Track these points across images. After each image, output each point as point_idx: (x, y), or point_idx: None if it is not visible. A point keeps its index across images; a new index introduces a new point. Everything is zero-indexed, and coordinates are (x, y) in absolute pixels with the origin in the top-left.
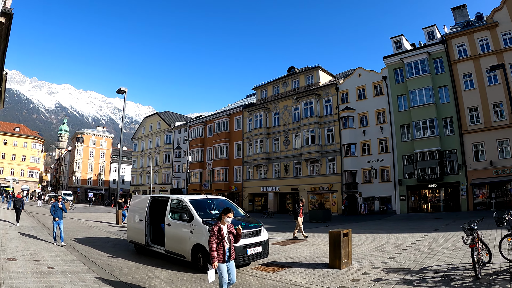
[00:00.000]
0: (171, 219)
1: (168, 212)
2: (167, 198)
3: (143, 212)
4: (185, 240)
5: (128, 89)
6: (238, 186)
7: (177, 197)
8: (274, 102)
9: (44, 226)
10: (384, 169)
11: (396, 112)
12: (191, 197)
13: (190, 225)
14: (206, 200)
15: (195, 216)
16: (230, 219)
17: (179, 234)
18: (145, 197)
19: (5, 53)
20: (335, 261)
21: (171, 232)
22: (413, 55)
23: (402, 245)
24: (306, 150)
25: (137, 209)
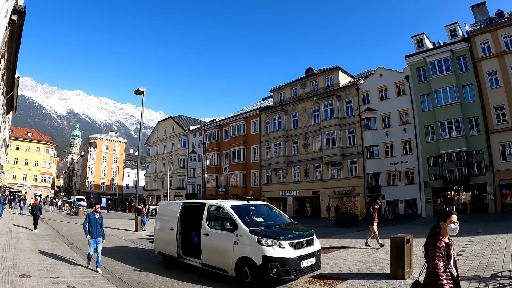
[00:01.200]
0: (209, 229)
1: (205, 220)
2: (203, 205)
3: (173, 220)
4: (227, 252)
5: (138, 95)
6: (256, 190)
7: (216, 203)
8: (292, 104)
9: (59, 234)
10: (409, 171)
11: (419, 112)
12: (232, 203)
13: (233, 235)
14: (248, 206)
15: (240, 224)
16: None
17: (220, 245)
18: (175, 203)
19: (17, 55)
20: (397, 271)
21: (209, 243)
22: (436, 54)
23: None
24: (327, 152)
25: (166, 217)
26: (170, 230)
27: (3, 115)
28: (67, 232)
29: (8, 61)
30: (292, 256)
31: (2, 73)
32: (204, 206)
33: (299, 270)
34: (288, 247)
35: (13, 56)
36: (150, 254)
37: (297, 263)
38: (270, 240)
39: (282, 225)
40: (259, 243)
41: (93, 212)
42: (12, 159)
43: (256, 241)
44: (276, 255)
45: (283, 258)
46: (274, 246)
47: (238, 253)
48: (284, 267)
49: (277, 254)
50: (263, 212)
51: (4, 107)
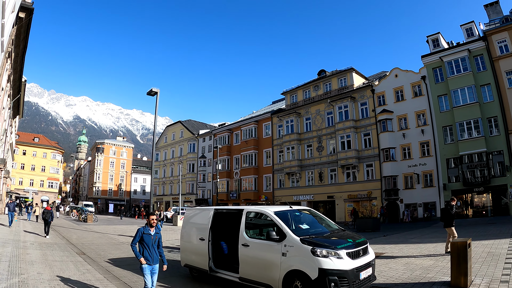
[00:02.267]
0: (248, 238)
1: (243, 229)
2: (239, 211)
3: (203, 229)
4: (273, 265)
5: (145, 100)
6: (268, 195)
7: (256, 210)
8: (305, 107)
9: (69, 242)
10: (427, 174)
11: (437, 113)
12: (275, 209)
13: (281, 246)
14: (293, 212)
15: (289, 233)
16: None
17: (263, 257)
18: (205, 210)
19: (24, 56)
20: (459, 278)
21: (249, 255)
22: (453, 53)
23: (498, 253)
24: (342, 155)
25: (195, 225)
26: (199, 240)
27: (10, 118)
28: (77, 240)
29: (15, 62)
30: (351, 267)
31: (8, 74)
32: (241, 213)
33: (357, 283)
34: (346, 257)
35: (20, 57)
36: (173, 266)
37: (356, 275)
38: (326, 250)
39: (332, 232)
40: (314, 254)
41: (146, 226)
42: (19, 164)
43: (309, 251)
44: (334, 267)
45: (342, 270)
46: (331, 256)
47: (286, 266)
48: (343, 281)
49: (335, 265)
50: (307, 218)
51: (11, 111)
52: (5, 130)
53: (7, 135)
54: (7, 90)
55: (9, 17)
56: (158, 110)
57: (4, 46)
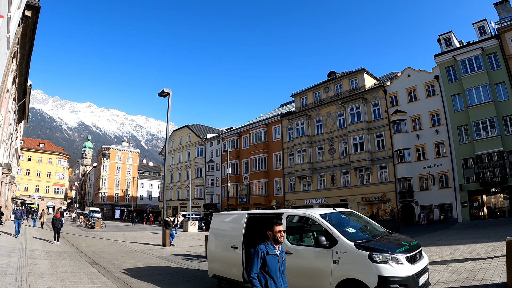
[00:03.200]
0: (291, 245)
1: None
2: (278, 215)
3: (236, 236)
4: (322, 274)
5: (148, 106)
6: (279, 199)
7: (298, 213)
8: (316, 109)
9: (79, 250)
10: (442, 175)
11: (451, 113)
12: (320, 211)
13: (331, 253)
14: (339, 214)
15: (340, 238)
16: None
17: (311, 266)
18: (237, 215)
19: (30, 57)
20: None
21: (292, 263)
22: (466, 52)
23: None
24: (355, 158)
25: (225, 232)
26: (232, 249)
27: (15, 123)
28: (87, 248)
29: (20, 64)
30: (411, 273)
31: (14, 75)
32: (280, 217)
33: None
34: (406, 263)
35: (25, 59)
36: (197, 276)
37: (415, 282)
38: (385, 255)
39: (381, 235)
40: (372, 260)
41: (269, 243)
42: (24, 170)
43: (367, 258)
44: (395, 273)
45: (403, 277)
46: (390, 262)
47: (339, 274)
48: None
49: (396, 272)
50: (353, 220)
51: (16, 115)
52: (10, 134)
53: (12, 140)
54: (12, 93)
55: (15, 13)
56: (162, 115)
57: (10, 43)
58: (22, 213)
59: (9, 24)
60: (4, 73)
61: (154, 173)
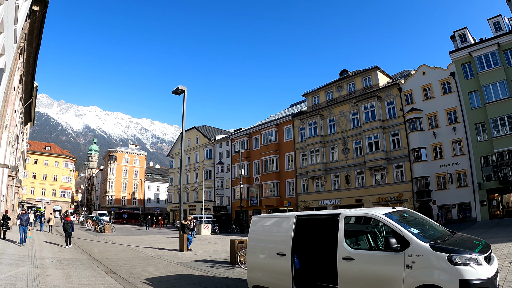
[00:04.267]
0: (352, 250)
1: (343, 238)
2: (334, 217)
3: (283, 241)
4: (392, 282)
5: (153, 109)
6: (291, 201)
7: (358, 213)
8: (328, 108)
9: (92, 257)
10: (460, 173)
11: (468, 110)
12: (384, 210)
13: (403, 256)
14: (401, 213)
15: (413, 240)
16: None
17: (377, 272)
18: (283, 217)
19: (37, 56)
20: None
21: (355, 270)
22: (482, 48)
23: None
24: (370, 157)
25: (269, 237)
26: (277, 256)
27: (21, 125)
28: (100, 254)
29: (27, 63)
30: (491, 274)
31: (20, 74)
32: (337, 218)
33: None
34: (485, 263)
35: (32, 57)
36: (229, 286)
37: (494, 284)
38: (463, 256)
39: (448, 234)
40: (452, 263)
41: None
42: (30, 173)
43: (446, 260)
44: (477, 276)
45: (484, 279)
46: (471, 264)
47: (413, 281)
48: None
49: (478, 274)
50: (412, 219)
51: (22, 116)
52: (16, 136)
53: (18, 142)
54: (19, 93)
55: (23, 4)
56: (167, 118)
57: (17, 36)
58: (29, 218)
59: (16, 13)
60: (11, 70)
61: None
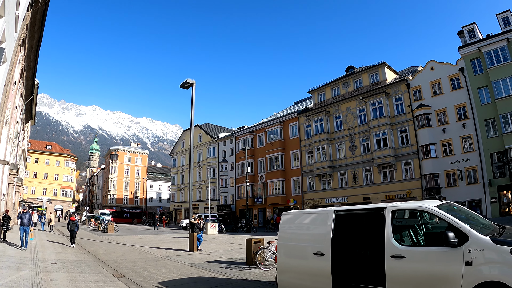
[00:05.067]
0: (401, 247)
1: (391, 234)
2: (379, 211)
3: (320, 239)
4: (451, 279)
5: (154, 109)
6: (297, 199)
7: (406, 207)
8: (335, 105)
9: (97, 259)
10: (470, 170)
11: (478, 106)
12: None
13: (461, 251)
14: (450, 206)
15: (472, 234)
16: None
17: (432, 270)
18: (319, 213)
19: (38, 49)
20: None
21: (406, 269)
22: (492, 43)
23: None
24: (378, 154)
25: (304, 235)
26: (315, 256)
27: (22, 122)
28: (106, 256)
29: (28, 57)
30: None
31: (22, 67)
32: (382, 213)
33: None
34: None
35: (34, 51)
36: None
37: None
38: None
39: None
40: None
41: None
42: (31, 172)
43: (510, 253)
44: None
45: None
46: None
47: (474, 278)
48: None
49: None
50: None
51: (23, 114)
52: (17, 133)
53: (19, 140)
54: (20, 88)
55: None
56: (168, 117)
57: (19, 24)
58: (31, 218)
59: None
60: (11, 62)
61: (163, 174)
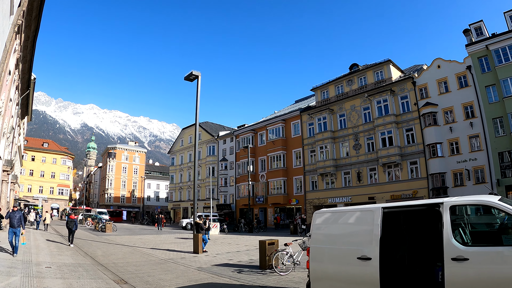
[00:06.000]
0: (464, 248)
1: (450, 233)
2: (433, 207)
3: (365, 241)
4: None
5: (151, 108)
6: (299, 198)
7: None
8: (338, 103)
9: (96, 261)
10: (478, 169)
11: (486, 105)
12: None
13: None
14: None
15: None
16: None
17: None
18: (363, 210)
19: (35, 40)
20: None
21: (470, 273)
22: (500, 41)
23: None
24: (384, 153)
25: (344, 237)
26: (359, 261)
27: (18, 117)
28: (105, 258)
29: (24, 48)
30: None
31: (17, 57)
32: (439, 209)
33: None
34: None
35: (30, 42)
36: None
37: None
38: None
39: None
40: None
41: None
42: (28, 170)
43: None
44: None
45: None
46: None
47: None
48: None
49: None
50: None
51: (19, 108)
52: (12, 128)
53: (15, 136)
54: (15, 80)
55: None
56: (165, 116)
57: (14, 6)
58: (22, 218)
59: None
60: (6, 49)
61: (161, 173)
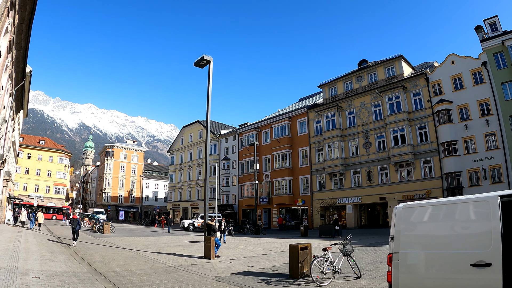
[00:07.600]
0: None
1: None
2: None
3: (480, 241)
4: None
5: (149, 108)
6: (305, 199)
7: None
8: (347, 100)
9: (94, 269)
10: (494, 168)
11: (502, 102)
12: None
13: None
14: None
15: None
16: None
17: None
18: (473, 201)
19: (31, 24)
20: None
21: None
22: None
23: None
24: (396, 152)
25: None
26: (472, 268)
27: (11, 110)
28: (104, 264)
29: (19, 32)
30: None
31: (10, 40)
32: None
33: None
34: None
35: (25, 26)
36: None
37: None
38: None
39: None
40: None
41: None
42: (23, 168)
43: None
44: None
45: None
46: None
47: None
48: None
49: None
50: None
51: (13, 99)
52: (4, 120)
53: (8, 130)
54: (8, 66)
55: None
56: (163, 116)
57: None
58: None
59: None
60: None
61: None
